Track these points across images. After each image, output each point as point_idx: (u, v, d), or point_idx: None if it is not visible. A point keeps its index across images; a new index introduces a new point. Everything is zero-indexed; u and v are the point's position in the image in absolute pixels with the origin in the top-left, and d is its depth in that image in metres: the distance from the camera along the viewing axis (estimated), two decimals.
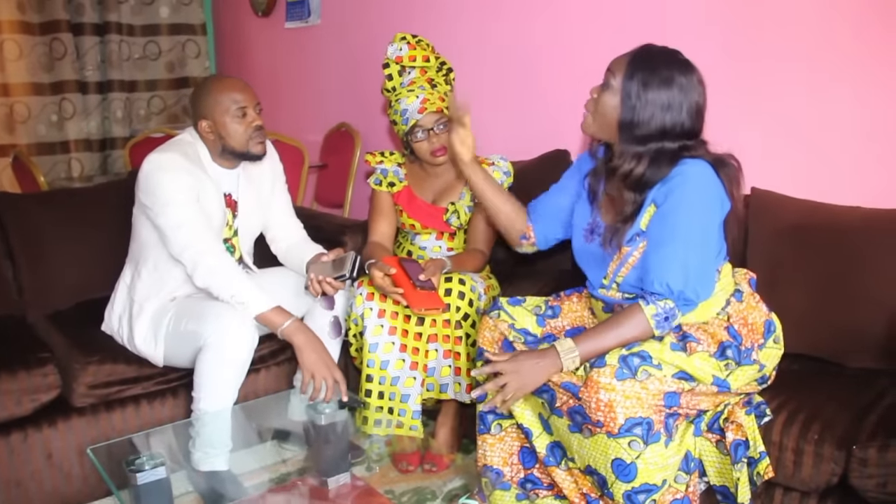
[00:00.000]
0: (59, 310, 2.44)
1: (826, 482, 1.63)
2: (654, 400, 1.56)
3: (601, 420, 1.54)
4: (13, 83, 4.33)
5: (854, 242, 1.95)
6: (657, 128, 1.64)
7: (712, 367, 1.62)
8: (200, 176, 2.15)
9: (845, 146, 2.13)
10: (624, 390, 1.53)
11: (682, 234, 1.62)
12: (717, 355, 1.64)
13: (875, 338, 1.89)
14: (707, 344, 1.64)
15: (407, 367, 2.19)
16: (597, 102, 1.72)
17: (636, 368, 1.56)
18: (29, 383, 2.05)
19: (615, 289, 1.78)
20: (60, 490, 2.13)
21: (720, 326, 1.71)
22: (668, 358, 1.59)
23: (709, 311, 1.74)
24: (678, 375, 1.59)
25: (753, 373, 1.70)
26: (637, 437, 1.53)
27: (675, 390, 1.58)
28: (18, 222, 2.45)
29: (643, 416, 1.54)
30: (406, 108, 2.32)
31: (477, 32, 3.09)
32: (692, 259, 1.62)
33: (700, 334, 1.66)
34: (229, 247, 2.28)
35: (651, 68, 1.64)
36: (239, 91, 2.15)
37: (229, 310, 2.06)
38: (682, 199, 1.63)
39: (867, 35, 2.05)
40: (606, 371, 1.55)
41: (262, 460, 2.29)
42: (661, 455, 1.56)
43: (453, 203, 2.42)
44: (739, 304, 1.77)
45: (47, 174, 4.21)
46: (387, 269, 2.17)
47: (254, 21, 4.58)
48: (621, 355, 1.58)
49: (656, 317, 1.61)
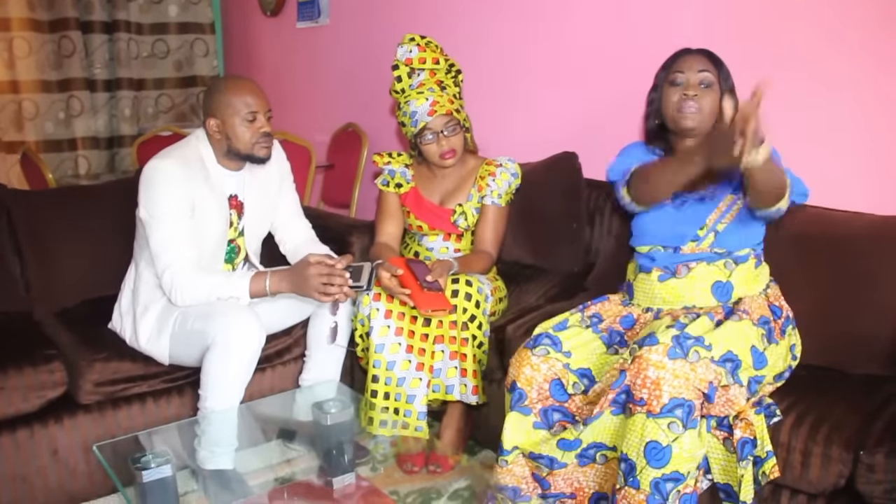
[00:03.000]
0: (66, 307, 2.45)
1: (833, 484, 1.63)
2: (701, 385, 1.58)
3: (644, 398, 1.56)
4: (22, 80, 4.34)
5: (860, 249, 1.95)
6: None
7: (754, 335, 1.71)
8: (199, 183, 2.15)
9: (850, 153, 2.13)
10: (674, 369, 1.56)
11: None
12: (756, 324, 1.74)
13: (882, 345, 1.88)
14: (750, 315, 1.76)
15: (413, 368, 2.19)
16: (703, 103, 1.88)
17: (688, 349, 1.59)
18: (35, 380, 2.05)
19: (710, 240, 1.89)
20: (66, 486, 2.13)
21: (763, 303, 1.85)
22: (717, 338, 1.65)
23: (756, 285, 1.89)
24: (724, 358, 1.63)
25: (784, 352, 1.79)
26: (677, 420, 1.54)
27: (714, 382, 1.60)
28: (26, 219, 2.45)
29: (686, 398, 1.55)
30: (415, 111, 2.32)
31: (485, 33, 3.09)
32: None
33: (745, 306, 1.79)
34: (233, 248, 2.29)
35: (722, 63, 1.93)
36: (252, 95, 2.15)
37: (236, 309, 2.06)
38: None
39: (872, 42, 2.05)
40: (659, 349, 1.58)
41: (267, 459, 2.29)
42: (693, 444, 1.57)
43: (461, 204, 2.42)
44: (777, 289, 1.94)
45: (54, 171, 4.22)
46: (394, 270, 2.17)
47: (262, 20, 4.59)
48: (674, 335, 1.60)
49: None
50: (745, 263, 1.89)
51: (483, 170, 2.42)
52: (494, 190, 2.38)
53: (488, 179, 2.39)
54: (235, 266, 2.31)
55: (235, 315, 2.04)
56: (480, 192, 2.40)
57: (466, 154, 2.47)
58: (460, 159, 2.42)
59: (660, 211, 1.96)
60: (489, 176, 2.40)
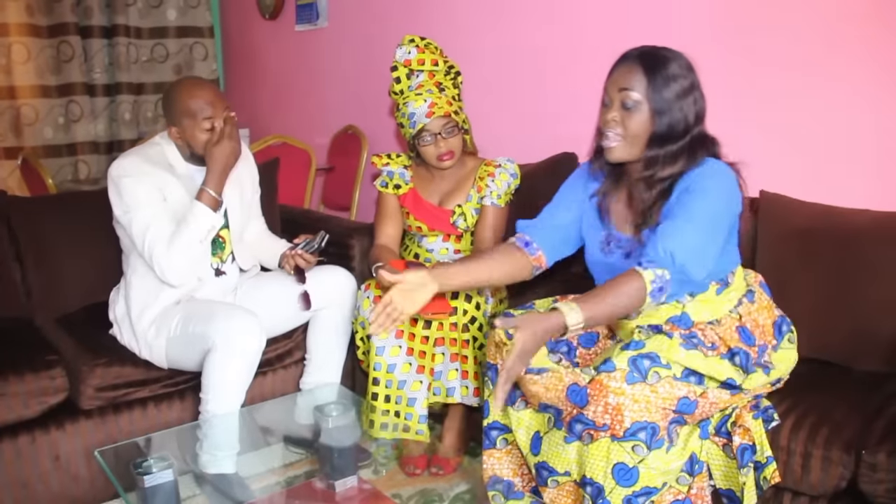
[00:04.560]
0: (66, 312, 2.45)
1: (835, 487, 1.62)
2: (664, 404, 1.54)
3: (607, 423, 1.53)
4: (21, 85, 4.35)
5: (863, 245, 1.94)
6: (687, 121, 1.65)
7: (727, 368, 1.62)
8: (165, 176, 2.17)
9: (853, 149, 2.12)
10: (634, 394, 1.52)
11: (695, 215, 1.61)
12: (724, 356, 1.64)
13: (884, 341, 1.88)
14: (717, 350, 1.64)
15: (414, 371, 2.19)
16: (625, 126, 1.66)
17: (646, 371, 1.54)
18: (37, 386, 2.06)
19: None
20: (68, 492, 2.13)
21: (731, 327, 1.70)
22: (676, 357, 1.58)
23: (721, 308, 1.73)
24: (686, 374, 1.58)
25: (764, 378, 1.69)
26: (641, 442, 1.51)
27: (688, 395, 1.57)
28: (27, 225, 2.45)
29: (649, 420, 1.52)
30: (414, 112, 2.32)
31: (483, 34, 3.09)
32: (698, 238, 1.60)
33: (712, 336, 1.66)
34: (218, 241, 2.29)
35: (661, 68, 1.63)
36: (205, 101, 2.14)
37: (238, 312, 2.06)
38: (700, 185, 1.63)
39: (872, 38, 2.05)
40: (616, 375, 1.53)
41: (269, 463, 2.29)
42: (662, 460, 1.54)
43: (460, 205, 2.41)
44: (751, 304, 1.77)
45: (54, 177, 4.21)
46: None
47: (261, 24, 4.59)
48: (631, 357, 1.56)
49: (654, 283, 1.57)
50: (704, 293, 1.73)
51: (482, 170, 2.42)
52: (493, 191, 2.38)
53: (487, 180, 2.39)
54: (224, 259, 2.31)
55: (236, 318, 2.04)
56: (479, 193, 2.40)
57: (465, 155, 2.47)
58: (459, 160, 2.42)
59: (591, 254, 1.87)
60: (488, 177, 2.40)
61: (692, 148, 1.66)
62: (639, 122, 1.64)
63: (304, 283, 2.31)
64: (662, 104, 1.62)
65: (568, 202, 1.91)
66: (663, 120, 1.63)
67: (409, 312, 1.66)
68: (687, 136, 1.65)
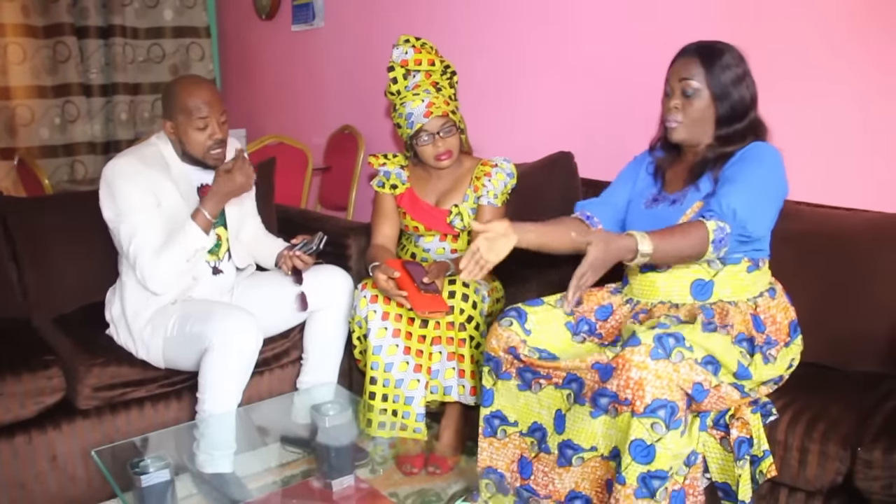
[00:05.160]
0: (63, 312, 2.44)
1: (831, 482, 1.63)
2: (684, 385, 1.57)
3: (629, 398, 1.56)
4: (17, 86, 4.34)
5: (859, 246, 1.95)
6: (745, 103, 1.80)
7: (735, 353, 1.67)
8: (159, 176, 2.17)
9: (849, 150, 2.13)
10: (657, 370, 1.55)
11: (754, 180, 1.73)
12: (735, 341, 1.70)
13: (880, 342, 1.89)
14: (728, 329, 1.71)
15: (411, 370, 2.19)
16: (686, 112, 1.81)
17: (671, 349, 1.57)
18: (33, 386, 2.05)
19: None
20: (65, 492, 2.13)
21: (746, 312, 1.78)
22: (699, 340, 1.62)
23: (744, 292, 1.81)
24: (706, 360, 1.62)
25: (774, 372, 1.75)
26: (660, 420, 1.54)
27: (703, 383, 1.60)
28: (23, 225, 2.45)
29: (669, 399, 1.55)
30: (411, 112, 2.32)
31: (480, 34, 3.10)
32: (758, 199, 1.73)
33: (727, 317, 1.74)
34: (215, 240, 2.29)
35: (717, 58, 1.78)
36: (202, 100, 2.15)
37: (234, 312, 2.06)
38: (757, 155, 1.78)
39: (869, 39, 2.05)
40: (641, 349, 1.57)
41: (266, 462, 2.29)
42: (677, 444, 1.56)
43: (457, 205, 2.42)
44: (772, 300, 1.84)
45: (51, 177, 4.21)
46: (391, 272, 2.17)
47: (257, 24, 4.59)
48: (657, 335, 1.59)
49: (716, 232, 1.66)
50: (735, 266, 1.81)
51: (479, 170, 2.42)
52: (490, 190, 2.38)
53: (484, 180, 2.39)
54: (221, 257, 2.31)
55: (233, 318, 2.04)
56: (476, 193, 2.40)
57: (462, 155, 2.47)
58: (456, 160, 2.42)
59: (634, 213, 1.96)
60: (485, 176, 2.40)
61: (754, 127, 1.82)
62: (699, 107, 1.80)
63: (302, 284, 2.31)
64: (721, 89, 1.78)
65: (623, 184, 2.04)
66: (724, 103, 1.79)
67: (493, 261, 1.70)
68: (747, 116, 1.81)
